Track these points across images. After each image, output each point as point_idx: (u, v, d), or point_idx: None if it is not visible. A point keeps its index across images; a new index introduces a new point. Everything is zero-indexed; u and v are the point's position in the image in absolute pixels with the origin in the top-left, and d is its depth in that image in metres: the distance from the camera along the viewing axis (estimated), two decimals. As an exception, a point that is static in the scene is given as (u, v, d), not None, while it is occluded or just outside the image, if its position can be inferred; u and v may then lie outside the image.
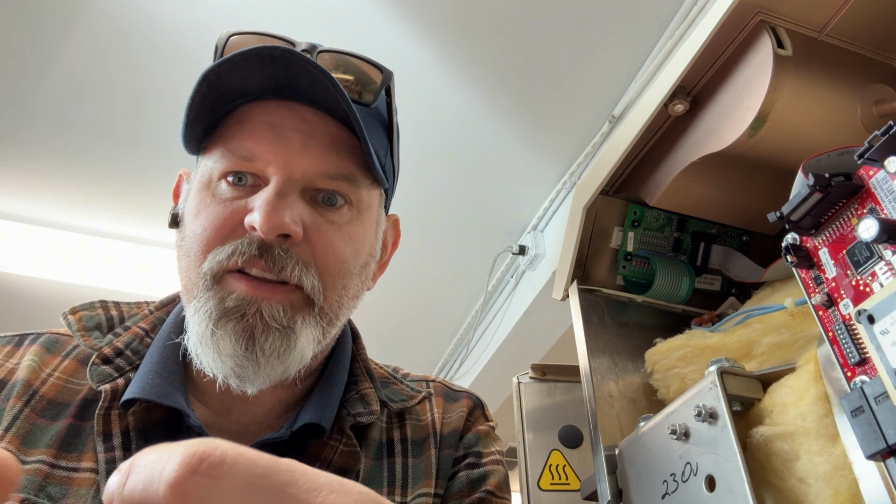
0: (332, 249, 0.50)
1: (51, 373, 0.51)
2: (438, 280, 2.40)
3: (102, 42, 1.54)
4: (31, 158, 1.87)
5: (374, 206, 0.55)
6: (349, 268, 0.52)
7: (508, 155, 1.90)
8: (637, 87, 1.61)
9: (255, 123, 0.49)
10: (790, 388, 0.39)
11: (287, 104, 0.50)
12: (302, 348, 0.48)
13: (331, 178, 0.50)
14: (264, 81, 0.49)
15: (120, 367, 0.51)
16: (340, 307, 0.52)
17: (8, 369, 0.51)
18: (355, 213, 0.52)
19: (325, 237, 0.50)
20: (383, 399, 0.58)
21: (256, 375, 0.47)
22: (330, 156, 0.50)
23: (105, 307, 0.57)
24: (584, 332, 0.57)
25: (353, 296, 0.53)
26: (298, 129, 0.49)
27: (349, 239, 0.51)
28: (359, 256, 0.53)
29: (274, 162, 0.48)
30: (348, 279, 0.52)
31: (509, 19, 1.52)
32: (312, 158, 0.49)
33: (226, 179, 0.50)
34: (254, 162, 0.49)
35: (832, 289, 0.36)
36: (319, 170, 0.49)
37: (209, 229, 0.48)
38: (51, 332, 0.55)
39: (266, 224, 0.45)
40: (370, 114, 0.54)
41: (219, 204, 0.49)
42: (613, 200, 0.60)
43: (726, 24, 0.46)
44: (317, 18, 1.50)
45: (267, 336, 0.46)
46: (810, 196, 0.36)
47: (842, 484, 0.34)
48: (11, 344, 0.54)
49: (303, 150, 0.49)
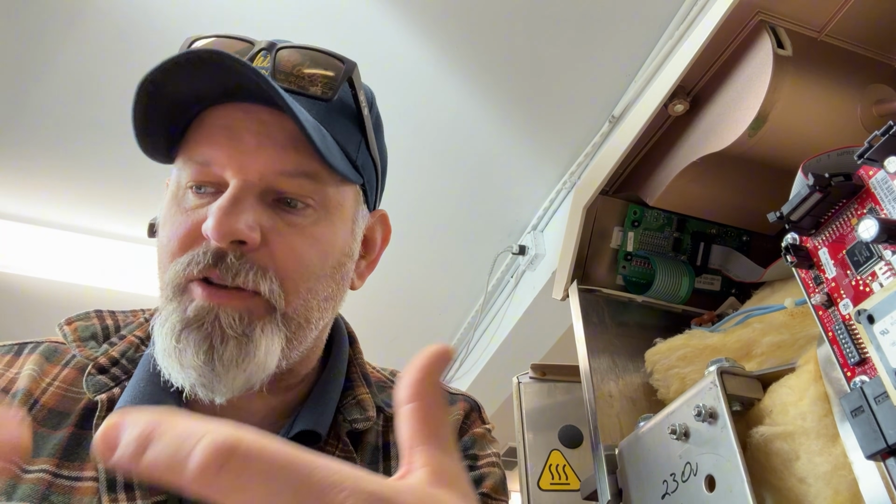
0: (293, 253, 0.49)
1: (51, 382, 0.51)
2: (438, 280, 2.40)
3: (102, 42, 1.54)
4: (31, 158, 1.87)
5: (347, 204, 0.54)
6: (314, 270, 0.50)
7: (508, 155, 1.90)
8: (637, 87, 1.61)
9: (211, 128, 0.49)
10: (790, 388, 0.39)
11: (243, 106, 0.49)
12: (262, 357, 0.47)
13: (290, 176, 0.49)
14: (213, 85, 0.48)
15: (116, 377, 0.51)
16: (308, 311, 0.51)
17: (9, 379, 0.51)
18: (322, 213, 0.51)
19: (285, 240, 0.48)
20: (379, 404, 0.58)
21: (219, 384, 0.46)
22: (287, 154, 0.48)
23: (100, 316, 0.56)
24: (584, 332, 0.57)
25: (325, 298, 0.52)
26: (253, 129, 0.48)
27: (314, 241, 0.50)
28: (327, 257, 0.51)
29: (229, 166, 0.47)
30: (315, 282, 0.50)
31: (509, 19, 1.52)
32: (267, 157, 0.48)
33: (191, 189, 0.49)
34: (210, 167, 0.48)
35: (832, 289, 0.36)
36: (276, 169, 0.48)
37: (172, 239, 0.48)
38: (49, 341, 0.55)
39: (216, 231, 0.45)
40: (333, 108, 0.53)
41: (182, 213, 0.49)
42: (613, 200, 0.60)
43: (726, 25, 0.46)
44: (316, 18, 1.50)
45: (225, 345, 0.46)
46: (810, 196, 0.36)
47: (842, 484, 0.34)
48: (11, 353, 0.54)
49: (257, 150, 0.48)
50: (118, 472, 0.46)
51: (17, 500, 0.44)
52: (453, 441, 0.25)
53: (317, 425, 0.51)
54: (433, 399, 0.25)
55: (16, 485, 0.45)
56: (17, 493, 0.44)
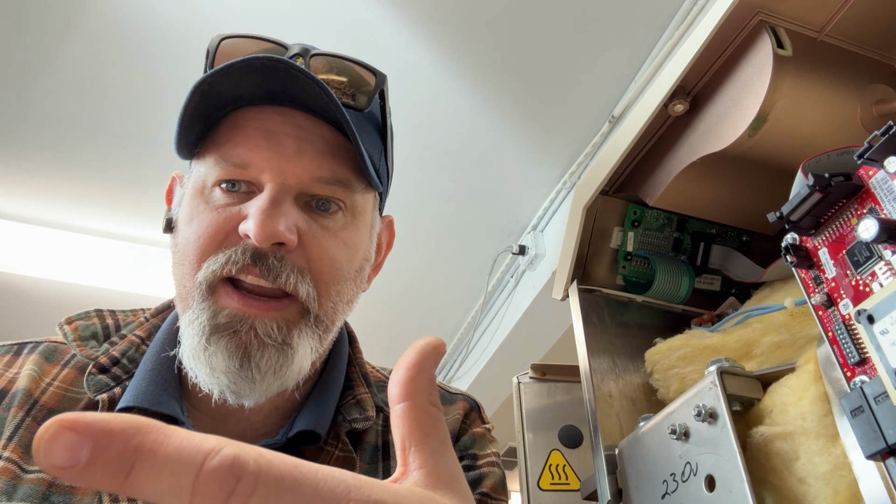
0: (328, 256, 0.50)
1: (51, 382, 0.52)
2: (438, 280, 2.40)
3: (102, 42, 1.54)
4: (31, 158, 1.87)
5: (369, 210, 0.55)
6: (344, 273, 0.51)
7: (508, 155, 1.90)
8: (637, 87, 1.61)
9: (248, 129, 0.49)
10: (790, 388, 0.39)
11: (280, 109, 0.50)
12: (300, 361, 0.48)
13: (326, 183, 0.50)
14: (256, 88, 0.49)
15: (117, 376, 0.51)
16: (336, 313, 0.52)
17: (8, 379, 0.51)
18: (350, 217, 0.52)
19: (321, 244, 0.49)
20: (379, 404, 0.58)
21: (253, 391, 0.47)
22: (325, 160, 0.50)
23: (101, 316, 0.57)
24: (584, 332, 0.57)
25: (347, 300, 0.53)
26: (292, 134, 0.49)
27: (344, 245, 0.51)
28: (353, 261, 0.53)
29: (268, 169, 0.48)
30: (343, 284, 0.52)
31: (510, 19, 1.52)
32: (307, 164, 0.49)
33: (220, 186, 0.49)
34: (248, 169, 0.48)
35: (832, 289, 0.36)
36: (314, 175, 0.49)
37: (203, 237, 0.48)
38: (49, 341, 0.55)
39: (260, 232, 0.45)
40: (364, 118, 0.54)
41: (212, 211, 0.49)
42: (613, 200, 0.60)
43: (726, 25, 0.46)
44: (316, 19, 1.50)
45: (263, 353, 0.46)
46: (810, 196, 0.36)
47: (841, 484, 0.34)
48: (10, 353, 0.54)
49: (297, 155, 0.49)
50: None
51: (18, 500, 0.44)
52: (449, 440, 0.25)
53: (316, 425, 0.51)
54: (426, 397, 0.24)
55: (16, 485, 0.45)
56: (17, 494, 0.44)
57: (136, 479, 0.16)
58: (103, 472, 0.16)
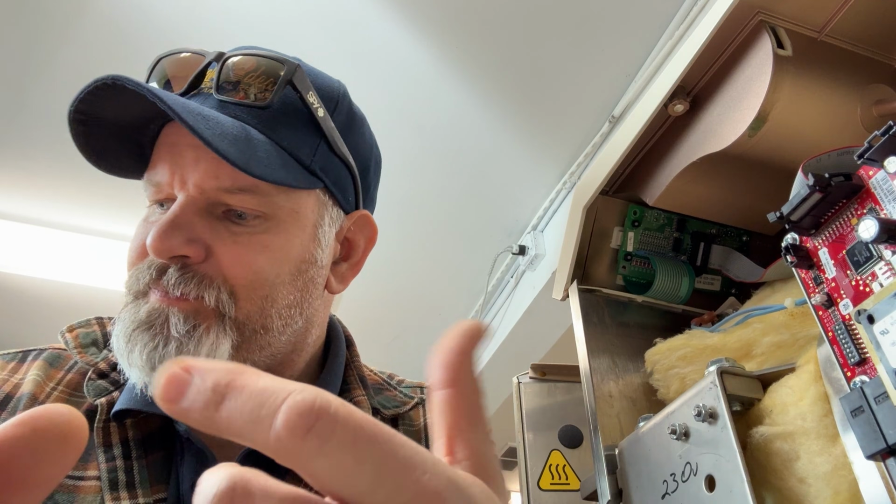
0: (240, 261, 0.49)
1: (55, 387, 0.53)
2: (438, 280, 2.40)
3: (102, 42, 1.54)
4: (31, 158, 1.87)
5: (305, 209, 0.53)
6: (266, 277, 0.50)
7: (508, 155, 1.90)
8: (637, 87, 1.61)
9: (159, 147, 0.51)
10: (790, 388, 0.39)
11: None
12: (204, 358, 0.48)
13: (230, 192, 0.49)
14: (143, 107, 0.48)
15: (115, 381, 0.53)
16: (266, 318, 0.51)
17: (13, 384, 0.53)
18: (272, 222, 0.51)
19: (230, 250, 0.49)
20: (376, 406, 0.58)
21: None
22: (223, 168, 0.48)
23: (101, 323, 0.58)
24: (584, 332, 0.57)
25: (286, 305, 0.52)
26: (193, 144, 0.49)
27: (262, 248, 0.50)
28: (281, 265, 0.51)
29: (174, 182, 0.49)
30: (271, 289, 0.51)
31: (509, 19, 1.52)
32: (204, 171, 0.49)
33: (156, 205, 0.52)
34: (163, 186, 0.50)
35: (832, 289, 0.36)
36: (213, 184, 0.49)
37: (130, 251, 0.51)
38: (53, 348, 0.57)
39: (152, 248, 0.47)
40: (277, 113, 0.52)
41: (143, 227, 0.51)
42: (613, 200, 0.60)
43: (726, 25, 0.46)
44: (316, 19, 1.50)
45: (166, 346, 0.47)
46: (810, 196, 0.36)
47: (842, 484, 0.34)
48: (15, 360, 0.55)
49: (195, 164, 0.49)
50: (119, 471, 0.48)
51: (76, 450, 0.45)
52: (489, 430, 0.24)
53: None
54: (470, 383, 0.24)
55: None
56: None
57: (227, 409, 0.17)
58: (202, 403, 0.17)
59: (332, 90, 0.58)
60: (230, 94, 0.51)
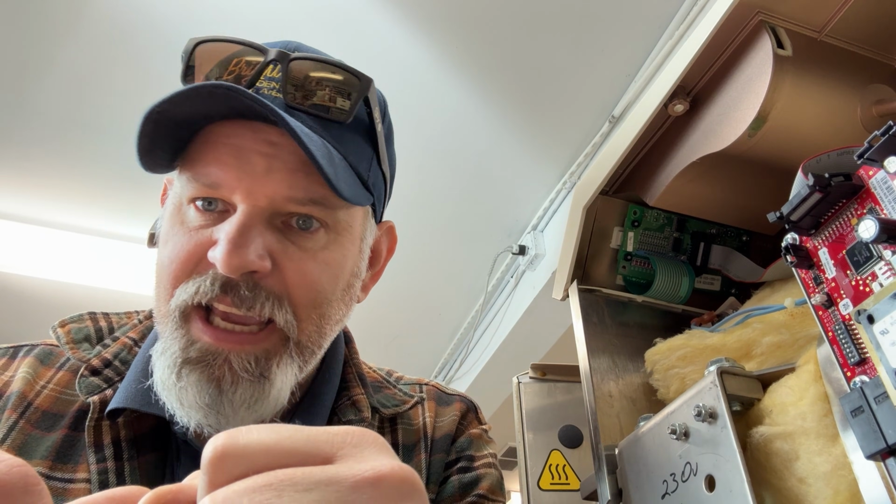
0: (307, 279, 0.47)
1: (45, 385, 0.51)
2: (438, 280, 2.40)
3: (103, 42, 1.54)
4: (31, 158, 1.87)
5: (356, 224, 0.52)
6: (327, 296, 0.49)
7: (508, 155, 1.90)
8: (637, 87, 1.61)
9: (218, 146, 0.47)
10: (790, 388, 0.39)
11: (252, 125, 0.47)
12: (277, 394, 0.46)
13: (299, 203, 0.47)
14: (220, 107, 0.46)
15: (109, 378, 0.51)
16: (321, 336, 0.50)
17: (3, 381, 0.51)
18: (333, 235, 0.49)
19: (298, 266, 0.47)
20: (375, 405, 0.58)
21: (227, 425, 0.45)
22: (297, 179, 0.46)
23: (94, 319, 0.56)
24: (584, 332, 0.57)
25: (336, 321, 0.51)
26: (263, 151, 0.46)
27: (326, 266, 0.49)
28: (338, 281, 0.50)
29: (238, 189, 0.45)
30: (327, 307, 0.49)
31: (510, 20, 1.52)
32: (277, 182, 0.46)
33: (194, 204, 0.47)
34: (219, 189, 0.46)
35: (832, 289, 0.36)
36: (285, 195, 0.46)
37: (175, 262, 0.46)
38: (45, 344, 0.55)
39: (227, 263, 0.43)
40: (347, 128, 0.51)
41: (185, 233, 0.47)
42: (613, 200, 0.60)
43: (726, 25, 0.46)
44: (316, 19, 1.50)
45: (236, 387, 0.44)
46: (810, 196, 0.36)
47: (841, 484, 0.34)
48: (6, 356, 0.54)
49: (266, 174, 0.46)
50: (110, 473, 0.47)
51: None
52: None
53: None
54: None
55: None
56: None
57: None
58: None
59: (382, 102, 0.56)
60: (299, 100, 0.48)
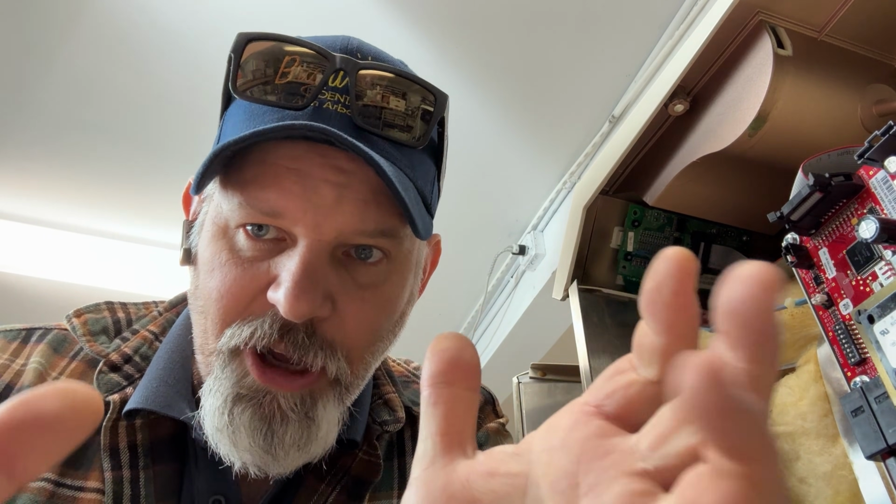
0: (366, 324, 0.44)
1: (57, 376, 0.48)
2: (438, 280, 2.39)
3: (103, 42, 1.54)
4: (31, 158, 1.87)
5: (415, 250, 0.49)
6: (382, 335, 0.47)
7: (508, 155, 1.90)
8: (637, 87, 1.61)
9: (279, 170, 0.41)
10: (790, 388, 0.39)
11: (319, 148, 0.42)
12: (325, 435, 0.44)
13: (369, 235, 0.43)
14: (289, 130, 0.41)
15: (129, 375, 0.48)
16: (367, 372, 0.47)
17: (14, 371, 0.48)
18: (394, 266, 0.46)
19: (358, 310, 0.43)
20: (407, 403, 0.56)
21: (276, 466, 0.43)
22: (369, 210, 0.42)
23: (111, 309, 0.53)
24: (584, 332, 0.57)
25: (383, 353, 0.49)
26: (332, 180, 0.41)
27: (385, 304, 0.46)
28: (394, 315, 0.48)
29: (303, 222, 0.41)
30: (380, 344, 0.47)
31: (509, 19, 1.52)
32: (347, 215, 0.41)
33: (244, 229, 0.42)
34: (279, 219, 0.41)
35: (832, 289, 0.36)
36: (356, 228, 0.42)
37: (226, 297, 0.42)
38: (59, 329, 0.51)
39: (293, 310, 0.39)
40: (419, 151, 0.47)
41: (237, 265, 0.42)
42: (613, 200, 0.60)
43: (726, 25, 0.46)
44: (316, 19, 1.50)
45: (286, 428, 0.42)
46: (810, 196, 0.36)
47: (842, 484, 0.34)
48: (18, 340, 0.50)
49: (336, 206, 0.41)
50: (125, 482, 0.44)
51: None
52: None
53: (356, 433, 0.49)
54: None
55: (15, 494, 0.43)
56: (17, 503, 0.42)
57: None
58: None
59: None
60: (371, 121, 0.44)
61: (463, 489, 0.21)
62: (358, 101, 0.43)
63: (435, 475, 0.22)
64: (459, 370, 0.23)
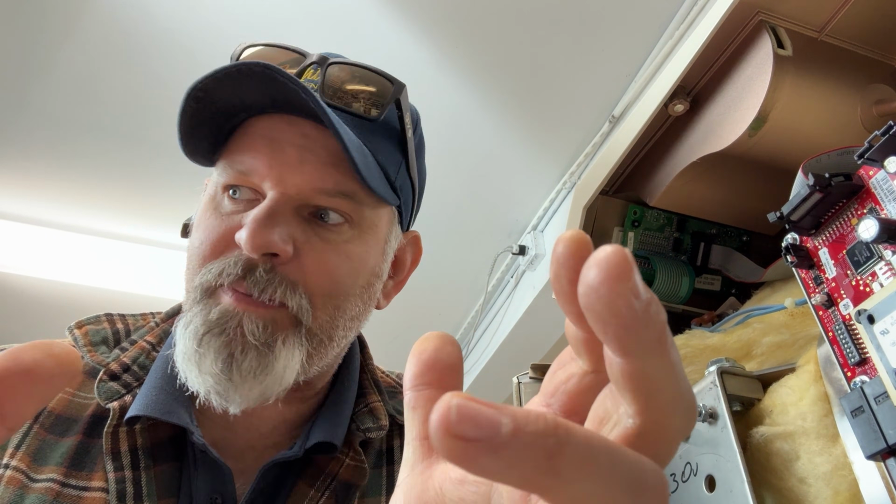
0: (325, 268, 0.48)
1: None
2: (438, 280, 2.40)
3: (103, 42, 1.54)
4: (31, 158, 1.87)
5: (381, 224, 0.53)
6: (345, 288, 0.50)
7: (508, 155, 1.90)
8: (637, 87, 1.61)
9: (254, 137, 0.49)
10: (790, 388, 0.39)
11: (288, 118, 0.49)
12: (280, 370, 0.46)
13: (328, 195, 0.48)
14: (260, 96, 0.48)
15: (128, 384, 0.51)
16: (334, 328, 0.50)
17: None
18: (357, 231, 0.50)
19: (318, 255, 0.48)
20: (391, 412, 0.58)
21: (234, 394, 0.46)
22: (328, 171, 0.48)
23: (111, 320, 0.56)
24: (584, 332, 0.56)
25: (351, 317, 0.52)
26: (296, 143, 0.48)
27: (346, 258, 0.50)
28: (358, 276, 0.51)
29: (269, 177, 0.47)
30: (343, 300, 0.50)
31: (509, 19, 1.52)
32: (308, 174, 0.47)
33: (227, 193, 0.49)
34: (250, 176, 0.48)
35: (832, 289, 0.36)
36: (315, 186, 0.48)
37: (205, 243, 0.48)
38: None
39: (250, 242, 0.45)
40: (378, 128, 0.52)
41: (217, 217, 0.49)
42: (613, 200, 0.60)
43: (726, 25, 0.46)
44: (316, 19, 1.50)
45: (245, 354, 0.45)
46: (810, 196, 0.36)
47: (842, 484, 0.34)
48: None
49: (298, 164, 0.47)
50: (128, 482, 0.46)
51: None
52: None
53: (333, 436, 0.51)
54: None
55: (24, 494, 0.45)
56: (25, 503, 0.44)
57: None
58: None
59: (415, 113, 0.59)
60: (335, 99, 0.51)
61: (436, 496, 0.21)
62: (326, 85, 0.51)
63: (413, 482, 0.22)
64: (437, 371, 0.23)
